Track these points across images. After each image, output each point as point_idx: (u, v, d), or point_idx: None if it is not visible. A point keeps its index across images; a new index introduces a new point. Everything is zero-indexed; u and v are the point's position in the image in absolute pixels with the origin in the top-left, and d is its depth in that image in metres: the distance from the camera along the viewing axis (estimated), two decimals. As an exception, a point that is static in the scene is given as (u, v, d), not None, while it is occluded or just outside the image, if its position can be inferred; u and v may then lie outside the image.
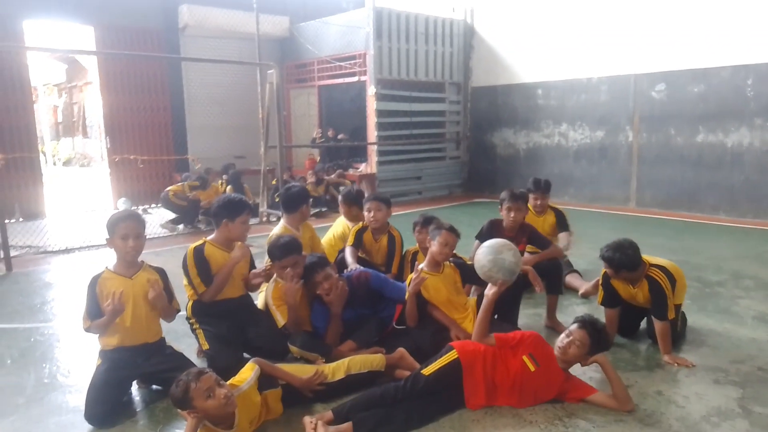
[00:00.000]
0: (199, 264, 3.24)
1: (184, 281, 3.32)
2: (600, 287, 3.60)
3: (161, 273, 3.08)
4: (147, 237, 3.18)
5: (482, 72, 11.18)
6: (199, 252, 3.26)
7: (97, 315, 2.86)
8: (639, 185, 9.14)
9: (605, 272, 3.51)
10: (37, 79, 14.94)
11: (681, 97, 8.48)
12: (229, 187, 8.78)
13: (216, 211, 3.34)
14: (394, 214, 4.71)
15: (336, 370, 2.88)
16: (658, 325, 3.36)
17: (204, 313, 3.29)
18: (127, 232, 2.88)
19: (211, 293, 3.25)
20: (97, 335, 2.95)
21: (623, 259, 3.30)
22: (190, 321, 3.33)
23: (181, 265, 3.30)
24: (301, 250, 3.50)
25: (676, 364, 3.26)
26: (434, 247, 3.44)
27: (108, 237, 2.93)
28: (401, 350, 3.10)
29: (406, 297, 3.37)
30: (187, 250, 3.30)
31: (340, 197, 4.75)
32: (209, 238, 3.37)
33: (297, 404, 2.78)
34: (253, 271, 3.44)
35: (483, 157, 11.40)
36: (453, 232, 3.48)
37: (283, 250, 3.35)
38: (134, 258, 2.96)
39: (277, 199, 8.65)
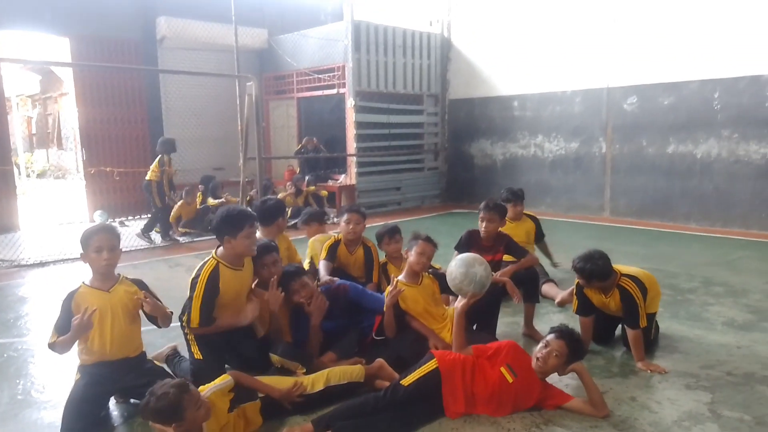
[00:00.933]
0: (208, 293, 3.02)
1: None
2: (574, 296, 3.68)
3: (140, 284, 3.02)
4: (125, 250, 3.13)
5: (459, 84, 11.34)
6: (213, 279, 3.03)
7: (66, 330, 2.75)
8: (613, 194, 9.34)
9: (578, 281, 3.59)
10: (11, 90, 14.64)
11: (652, 109, 8.72)
12: (211, 200, 8.75)
13: (216, 228, 3.11)
14: (374, 224, 4.76)
15: (315, 381, 2.87)
16: (630, 333, 3.43)
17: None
18: (100, 245, 2.81)
19: (202, 332, 3.10)
20: (74, 351, 2.87)
21: (594, 269, 3.38)
22: (185, 330, 3.20)
23: (190, 282, 3.11)
24: (278, 251, 3.52)
25: (649, 371, 3.34)
26: (412, 257, 3.49)
27: (82, 252, 2.87)
28: (380, 361, 3.12)
29: (384, 309, 3.39)
30: (201, 272, 3.06)
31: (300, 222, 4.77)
32: (218, 253, 3.13)
33: (276, 416, 2.78)
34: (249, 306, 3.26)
35: (461, 167, 11.53)
36: (429, 242, 3.54)
37: (261, 250, 3.35)
38: (109, 270, 2.90)
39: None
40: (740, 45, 7.76)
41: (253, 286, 3.37)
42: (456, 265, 3.09)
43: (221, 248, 3.14)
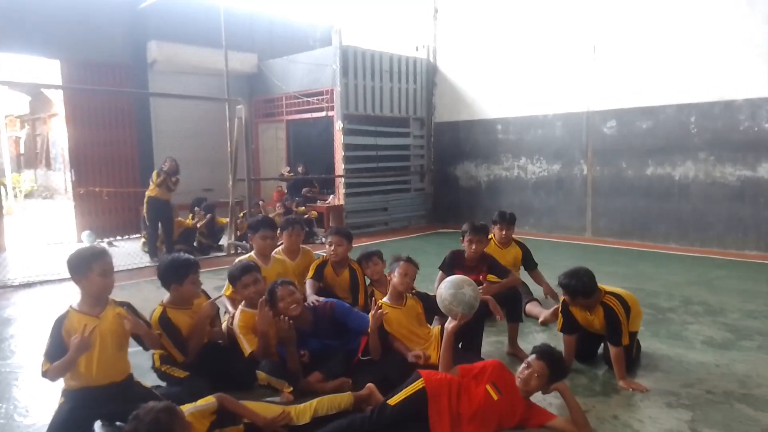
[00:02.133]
0: (169, 333, 3.19)
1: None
2: (559, 314, 3.74)
3: (127, 307, 3.01)
4: (114, 270, 3.14)
5: (445, 108, 11.55)
6: (164, 320, 3.20)
7: (58, 357, 2.68)
8: (594, 215, 9.51)
9: (564, 299, 3.67)
10: (0, 111, 14.63)
11: (631, 133, 8.95)
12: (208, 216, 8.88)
13: (163, 275, 3.27)
14: (362, 244, 4.82)
15: (302, 413, 2.80)
16: (613, 350, 3.50)
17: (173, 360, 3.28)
18: (106, 269, 2.82)
19: (192, 356, 3.24)
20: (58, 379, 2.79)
21: (578, 285, 3.47)
22: (161, 369, 3.26)
23: None
24: (260, 270, 3.59)
25: (630, 389, 3.40)
26: (395, 278, 3.54)
27: (78, 275, 2.80)
28: (370, 386, 3.11)
29: (369, 331, 3.43)
30: (151, 321, 3.17)
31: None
32: (165, 301, 3.30)
33: (263, 439, 2.74)
34: (205, 304, 3.35)
35: (446, 188, 11.68)
36: (411, 262, 3.60)
37: (241, 270, 3.46)
38: (108, 295, 2.91)
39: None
40: (715, 71, 8.04)
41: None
42: (445, 287, 3.15)
43: (168, 294, 3.30)
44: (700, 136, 8.27)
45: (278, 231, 4.47)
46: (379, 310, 3.39)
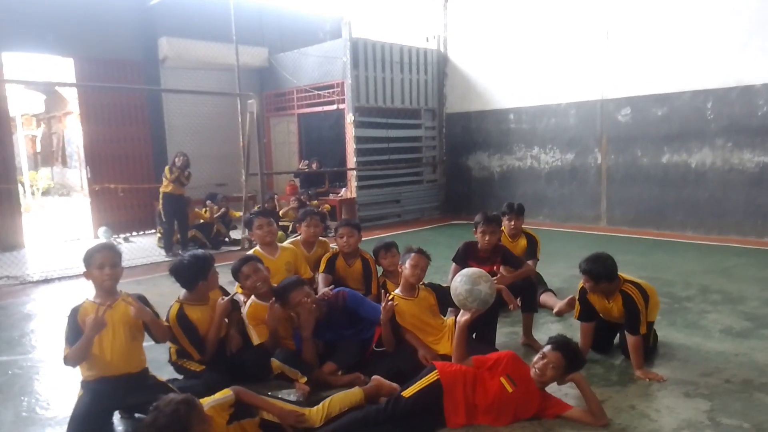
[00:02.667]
0: (187, 331, 3.23)
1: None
2: (577, 302, 3.71)
3: (140, 298, 3.05)
4: (130, 265, 3.21)
5: (456, 98, 11.48)
6: (182, 318, 3.23)
7: (76, 342, 2.79)
8: (609, 204, 9.41)
9: (582, 287, 3.61)
10: (15, 109, 14.81)
11: (645, 120, 8.82)
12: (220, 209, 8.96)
13: (187, 275, 3.28)
14: (375, 237, 4.82)
15: (315, 416, 2.79)
16: (630, 339, 3.46)
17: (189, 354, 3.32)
18: (102, 261, 2.90)
19: (210, 352, 3.29)
20: (78, 366, 2.88)
21: (602, 269, 3.41)
22: (178, 363, 3.32)
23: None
24: (259, 260, 3.61)
25: (647, 379, 3.37)
26: (406, 270, 3.53)
27: (85, 269, 2.94)
28: (376, 378, 3.10)
29: (381, 322, 3.43)
30: (168, 318, 3.23)
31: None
32: (182, 297, 3.33)
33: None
34: (220, 302, 3.38)
35: (459, 180, 11.62)
36: (422, 253, 3.58)
37: (239, 262, 3.50)
38: (111, 286, 2.95)
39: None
40: (731, 56, 7.88)
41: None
42: (461, 281, 3.10)
43: (184, 291, 3.34)
44: (717, 122, 8.12)
45: (296, 224, 4.48)
46: (390, 302, 3.39)
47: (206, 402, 2.56)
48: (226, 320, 3.43)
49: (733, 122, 7.98)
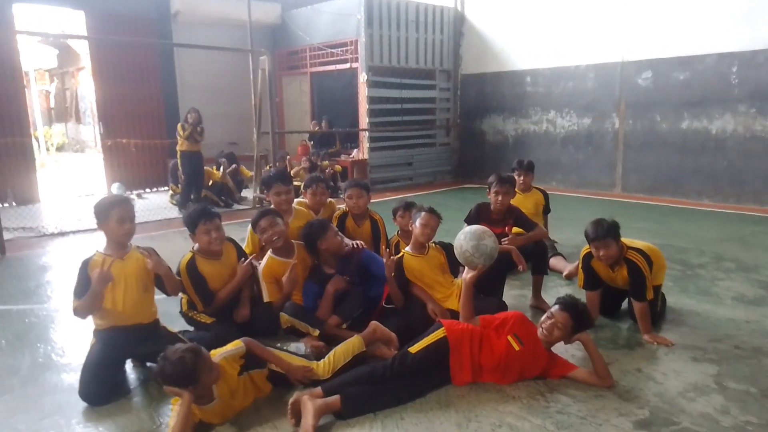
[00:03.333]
0: (195, 282, 3.27)
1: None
2: (580, 270, 3.68)
3: (151, 251, 3.06)
4: (143, 221, 3.23)
5: (472, 59, 11.22)
6: (191, 269, 3.27)
7: (84, 294, 2.83)
8: (624, 171, 9.26)
9: (585, 255, 3.60)
10: (29, 64, 14.78)
11: (666, 84, 8.58)
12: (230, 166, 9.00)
13: (185, 224, 3.38)
14: (386, 199, 4.80)
15: (323, 369, 2.84)
16: (637, 305, 3.45)
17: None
18: (123, 216, 2.89)
19: (217, 308, 3.33)
20: (89, 316, 2.93)
21: (607, 226, 3.37)
22: (188, 314, 3.37)
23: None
24: (278, 213, 3.62)
25: (655, 343, 3.37)
26: (416, 229, 3.55)
27: (100, 222, 2.93)
28: (373, 323, 3.13)
29: (389, 281, 3.44)
30: (179, 266, 3.29)
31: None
32: (195, 248, 3.37)
33: (285, 384, 2.81)
34: (242, 265, 3.43)
35: (472, 143, 11.48)
36: (433, 213, 3.58)
37: (258, 215, 3.55)
38: (128, 240, 2.99)
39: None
40: (759, 17, 7.57)
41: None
42: (465, 238, 3.10)
43: (198, 245, 3.38)
44: (741, 87, 7.87)
45: (302, 189, 4.45)
46: (392, 257, 3.40)
47: (218, 353, 2.61)
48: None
49: (758, 87, 7.73)
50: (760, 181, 7.86)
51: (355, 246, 3.69)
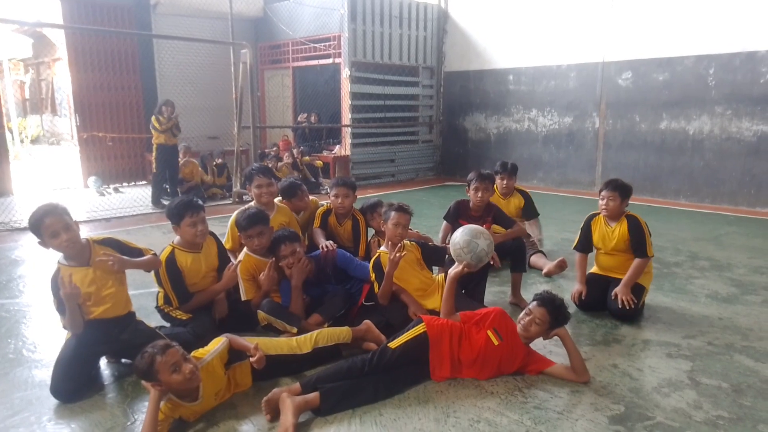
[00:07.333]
0: (172, 277, 3.21)
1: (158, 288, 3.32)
2: (580, 231, 3.97)
3: (110, 243, 2.93)
4: (119, 215, 3.13)
5: (455, 57, 11.24)
6: (171, 263, 3.21)
7: (65, 310, 2.78)
8: (604, 170, 9.38)
9: (587, 217, 3.97)
10: (3, 54, 14.41)
11: (646, 85, 8.70)
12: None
13: (168, 216, 3.31)
14: (368, 195, 4.78)
15: (303, 343, 2.91)
16: (637, 261, 3.68)
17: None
18: (54, 229, 2.67)
19: (192, 308, 3.27)
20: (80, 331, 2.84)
21: (622, 183, 3.87)
22: (164, 309, 3.31)
23: (154, 273, 3.26)
24: (268, 221, 3.56)
25: (624, 299, 3.64)
26: (389, 229, 3.50)
27: (39, 240, 2.73)
28: (367, 322, 3.16)
29: (384, 277, 3.40)
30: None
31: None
32: (175, 242, 3.31)
33: (266, 378, 2.81)
34: (228, 269, 3.37)
35: (455, 141, 11.51)
36: (402, 210, 3.52)
37: (249, 220, 3.42)
38: (74, 250, 2.77)
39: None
40: (737, 21, 7.72)
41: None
42: (462, 233, 3.14)
43: (178, 237, 3.32)
44: (718, 89, 8.02)
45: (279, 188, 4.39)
46: (399, 254, 3.28)
47: (207, 353, 2.60)
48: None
49: (734, 90, 7.88)
50: (735, 182, 8.02)
51: (325, 248, 3.63)
